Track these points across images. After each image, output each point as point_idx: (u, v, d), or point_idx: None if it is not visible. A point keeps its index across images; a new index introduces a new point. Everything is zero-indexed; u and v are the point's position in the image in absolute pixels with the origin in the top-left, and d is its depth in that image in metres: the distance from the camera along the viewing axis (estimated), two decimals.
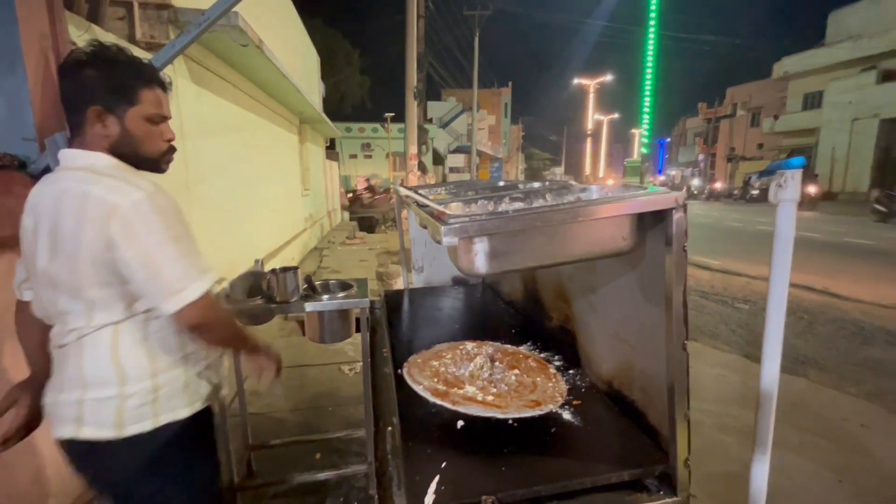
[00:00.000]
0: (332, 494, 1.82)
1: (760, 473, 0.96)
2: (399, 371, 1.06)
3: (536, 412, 0.86)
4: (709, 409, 2.71)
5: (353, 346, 3.16)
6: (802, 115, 20.43)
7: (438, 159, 21.04)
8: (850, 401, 2.84)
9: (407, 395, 0.95)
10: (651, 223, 0.66)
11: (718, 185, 21.76)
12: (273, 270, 1.36)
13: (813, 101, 19.89)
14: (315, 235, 8.56)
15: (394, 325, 1.43)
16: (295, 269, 1.39)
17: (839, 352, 3.52)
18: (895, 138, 16.07)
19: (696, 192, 21.87)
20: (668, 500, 0.71)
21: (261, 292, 1.38)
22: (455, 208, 0.62)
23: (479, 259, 0.59)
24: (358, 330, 1.41)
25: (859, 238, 8.72)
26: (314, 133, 9.22)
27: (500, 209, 0.60)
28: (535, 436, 0.81)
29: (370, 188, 11.11)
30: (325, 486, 1.87)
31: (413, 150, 9.40)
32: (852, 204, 15.06)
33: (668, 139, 31.13)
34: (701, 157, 28.41)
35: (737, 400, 2.85)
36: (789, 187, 0.84)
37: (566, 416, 0.87)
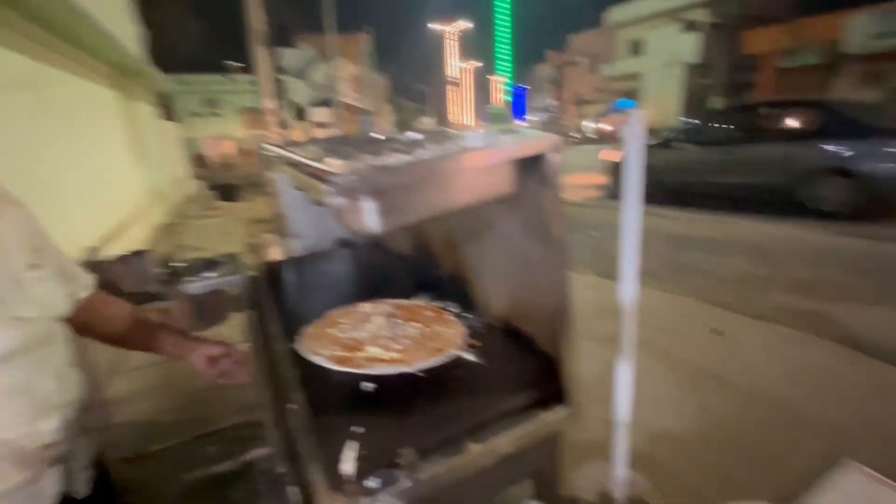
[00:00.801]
0: (235, 485, 1.72)
1: (625, 373, 1.15)
2: (293, 346, 0.99)
3: (441, 359, 0.89)
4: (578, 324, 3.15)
5: (234, 328, 2.90)
6: (629, 62, 23.35)
7: (301, 114, 19.43)
8: (679, 299, 3.55)
9: (306, 369, 0.90)
10: (530, 165, 0.69)
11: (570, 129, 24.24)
12: (120, 257, 1.13)
13: (638, 48, 22.76)
14: (163, 210, 7.41)
15: (280, 299, 1.32)
16: (144, 252, 1.18)
17: (663, 259, 4.33)
18: (696, 81, 19.43)
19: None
20: (562, 412, 0.80)
21: (105, 285, 1.15)
22: (336, 165, 0.57)
23: (371, 218, 0.55)
24: (239, 310, 1.28)
25: None
26: (145, 91, 7.70)
27: (385, 163, 0.57)
28: (442, 381, 0.84)
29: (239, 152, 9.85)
30: (225, 479, 1.75)
31: (270, 104, 8.50)
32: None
33: (529, 87, 33.16)
34: (552, 102, 30.97)
35: (594, 312, 3.35)
36: (635, 125, 0.95)
37: (469, 357, 0.91)
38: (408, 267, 1.44)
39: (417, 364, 0.88)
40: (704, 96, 18.93)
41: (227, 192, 9.18)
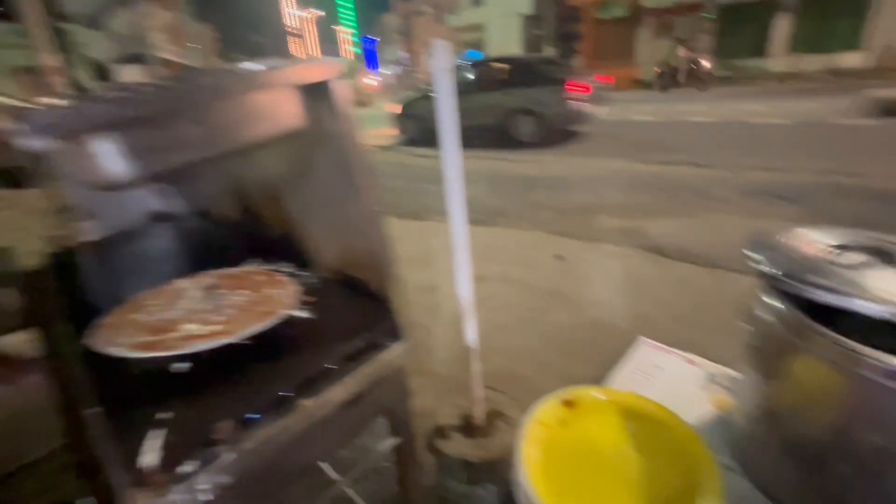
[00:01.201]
0: None
1: (466, 301, 1.22)
2: (85, 342, 0.83)
3: (269, 322, 0.83)
4: (443, 268, 3.30)
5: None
6: (472, 13, 23.85)
7: (104, 73, 15.81)
8: (528, 233, 3.92)
9: (103, 365, 0.76)
10: (317, 95, 0.64)
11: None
12: None
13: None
14: None
15: (73, 293, 1.09)
16: None
17: (516, 199, 4.72)
18: (531, 32, 20.76)
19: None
20: (399, 347, 0.81)
21: None
22: (47, 101, 0.45)
23: (109, 162, 0.45)
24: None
25: None
26: None
27: (111, 95, 0.46)
28: (271, 345, 0.79)
29: None
30: None
31: (51, 61, 6.71)
32: None
33: (378, 38, 31.78)
34: (403, 54, 30.37)
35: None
36: (441, 57, 0.95)
37: (302, 315, 0.86)
38: (236, 233, 1.30)
39: (242, 332, 0.80)
40: (539, 46, 20.44)
41: (11, 176, 7.20)
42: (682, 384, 1.02)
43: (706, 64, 10.22)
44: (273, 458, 0.68)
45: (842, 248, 0.77)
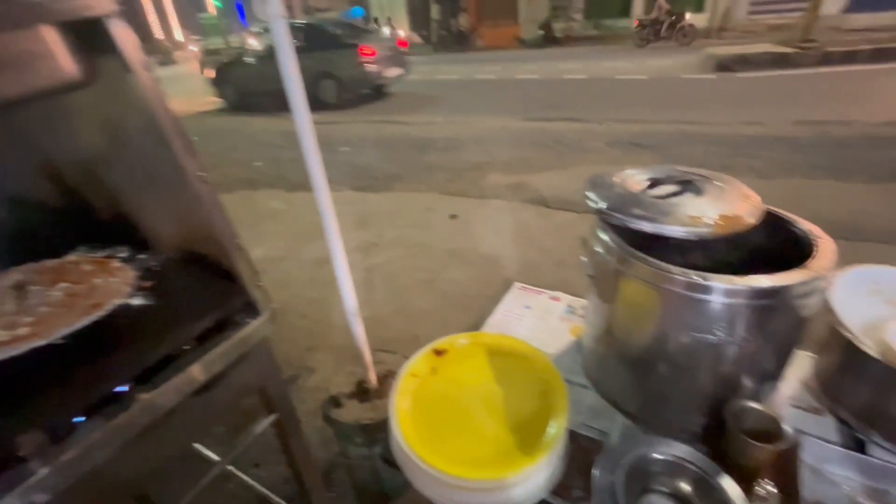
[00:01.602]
0: None
1: (340, 269, 1.19)
2: None
3: (97, 315, 0.72)
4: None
5: None
6: None
7: None
8: (424, 196, 3.93)
9: None
10: (103, 47, 0.53)
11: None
12: None
13: None
14: None
15: None
16: None
17: (409, 163, 4.69)
18: None
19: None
20: (255, 322, 0.76)
21: None
22: None
23: None
24: None
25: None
26: None
27: None
28: (104, 339, 0.69)
29: None
30: None
31: None
32: None
33: None
34: (279, 9, 27.52)
35: (352, 225, 3.45)
36: (272, 2, 0.86)
37: (138, 302, 0.77)
38: (58, 220, 1.10)
39: (57, 332, 0.69)
40: (427, 7, 19.92)
41: None
42: (546, 319, 1.12)
43: (688, 17, 10.69)
44: (115, 457, 0.61)
45: (656, 182, 0.88)
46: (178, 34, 25.00)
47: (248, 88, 8.04)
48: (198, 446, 1.18)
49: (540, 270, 2.63)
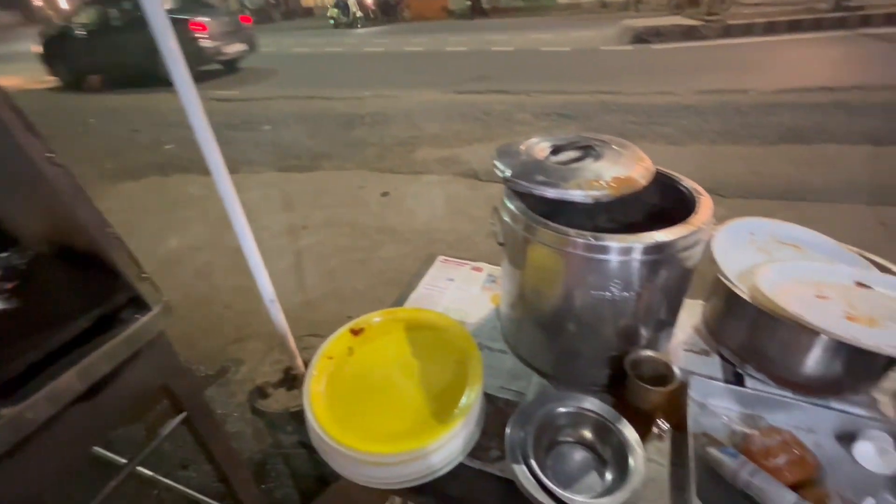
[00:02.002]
0: None
1: (252, 258, 1.12)
2: None
3: None
4: (265, 223, 3.03)
5: None
6: None
7: None
8: (353, 173, 3.80)
9: None
10: None
11: None
12: None
13: None
14: None
15: None
16: None
17: (337, 140, 4.51)
18: None
19: None
20: (144, 318, 0.70)
21: None
22: None
23: None
24: None
25: (333, 46, 10.56)
26: None
27: None
28: None
29: None
30: None
31: None
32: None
33: None
34: None
35: (278, 208, 3.29)
36: None
37: None
38: None
39: None
40: None
41: None
42: (468, 289, 1.14)
43: None
44: None
45: (559, 149, 0.90)
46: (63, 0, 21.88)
47: (82, 64, 7.57)
48: (102, 452, 1.09)
49: (472, 242, 2.67)
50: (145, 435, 1.60)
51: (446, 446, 0.68)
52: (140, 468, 1.20)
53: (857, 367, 0.76)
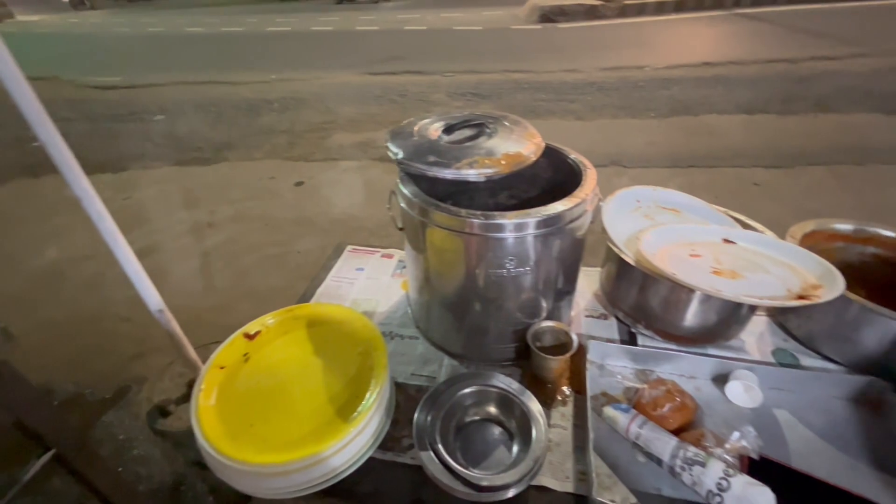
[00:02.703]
0: None
1: (130, 265, 1.00)
2: None
3: None
4: (163, 224, 2.74)
5: None
6: None
7: None
8: (263, 163, 3.55)
9: None
10: None
11: None
12: None
13: None
14: None
15: None
16: None
17: (242, 129, 4.18)
18: None
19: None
20: None
21: None
22: None
23: None
24: None
25: (231, 26, 9.71)
26: None
27: None
28: None
29: None
30: None
31: None
32: None
33: None
34: None
35: (179, 206, 3.00)
36: None
37: None
38: None
39: None
40: None
41: None
42: (379, 278, 1.11)
43: None
44: None
45: (452, 128, 0.89)
46: None
47: None
48: None
49: (392, 228, 2.62)
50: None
51: (352, 444, 0.65)
52: None
53: (727, 316, 0.85)
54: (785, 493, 0.57)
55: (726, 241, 0.88)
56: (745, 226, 0.94)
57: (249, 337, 0.79)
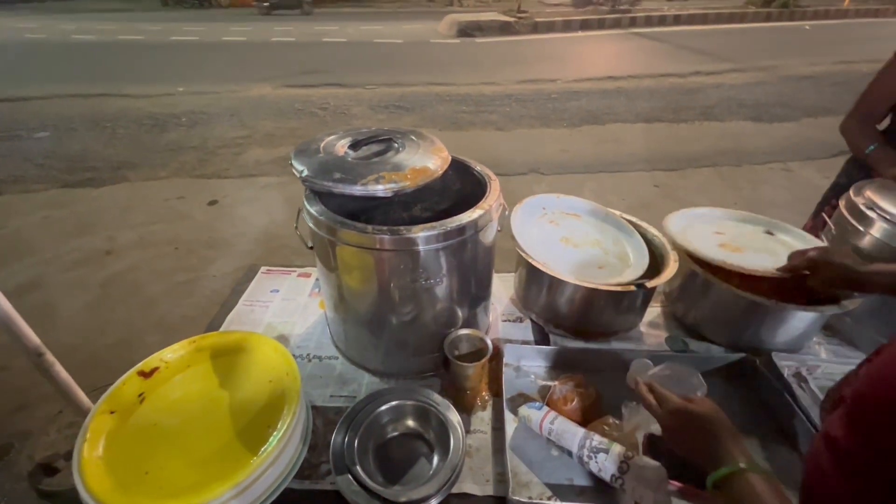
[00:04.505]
0: None
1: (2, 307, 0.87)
2: None
3: None
4: (50, 254, 2.43)
5: None
6: None
7: None
8: (169, 182, 3.28)
9: None
10: None
11: None
12: None
13: None
14: None
15: None
16: None
17: (145, 146, 3.85)
18: None
19: None
20: None
21: None
22: None
23: None
24: None
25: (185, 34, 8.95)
26: None
27: None
28: None
29: None
30: None
31: None
32: None
33: None
34: None
35: (70, 233, 2.68)
36: None
37: None
38: None
39: None
40: None
41: None
42: (295, 299, 1.07)
43: None
44: None
45: (358, 144, 0.89)
46: None
47: None
48: None
49: None
50: None
51: (263, 477, 0.62)
52: None
53: (623, 310, 0.92)
54: (677, 466, 0.63)
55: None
56: (635, 226, 1.04)
57: (145, 375, 0.72)
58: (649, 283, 0.84)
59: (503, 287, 1.11)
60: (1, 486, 1.36)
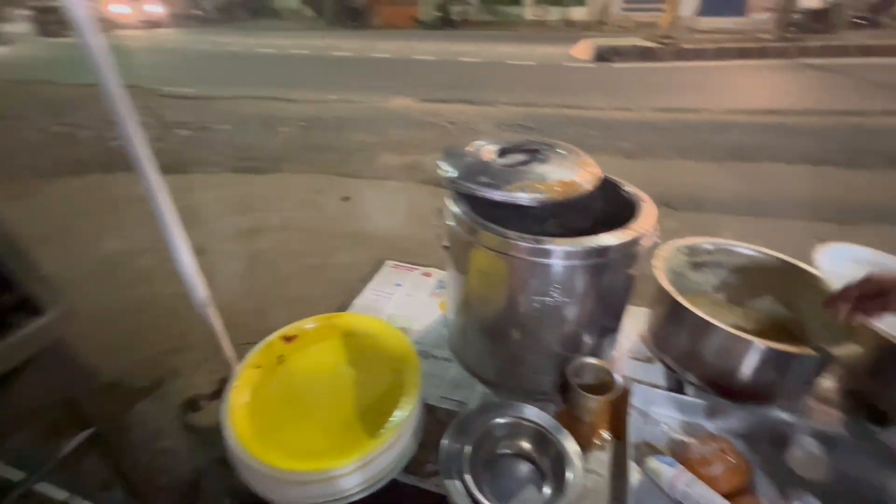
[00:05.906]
0: None
1: (184, 257, 1.04)
2: None
3: None
4: (215, 226, 2.88)
5: None
6: None
7: None
8: (313, 177, 3.70)
9: None
10: None
11: None
12: None
13: None
14: None
15: None
16: None
17: (298, 144, 4.38)
18: None
19: None
20: (37, 323, 0.62)
21: None
22: None
23: None
24: None
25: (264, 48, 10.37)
26: None
27: None
28: None
29: None
30: None
31: None
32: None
33: None
34: None
35: (232, 211, 3.14)
36: None
37: None
38: None
39: None
40: None
41: None
42: (416, 295, 1.10)
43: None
44: None
45: (506, 151, 0.89)
46: None
47: None
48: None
49: (432, 248, 2.63)
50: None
51: (376, 462, 0.63)
52: (50, 488, 1.08)
53: (789, 374, 0.77)
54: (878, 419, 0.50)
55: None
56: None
57: (287, 340, 0.80)
58: (836, 351, 0.69)
59: (632, 321, 1.02)
60: (154, 411, 1.62)
